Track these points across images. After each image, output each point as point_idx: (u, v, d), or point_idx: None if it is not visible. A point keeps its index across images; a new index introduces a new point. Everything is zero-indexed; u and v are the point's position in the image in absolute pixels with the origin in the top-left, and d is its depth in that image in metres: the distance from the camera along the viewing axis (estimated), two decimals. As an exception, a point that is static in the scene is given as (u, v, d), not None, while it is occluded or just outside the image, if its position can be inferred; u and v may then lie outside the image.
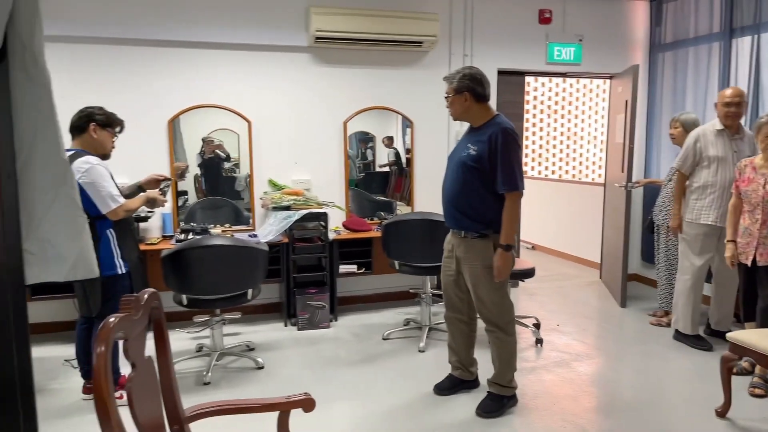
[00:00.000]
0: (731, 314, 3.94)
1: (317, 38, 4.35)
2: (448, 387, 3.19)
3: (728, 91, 3.69)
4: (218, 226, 4.42)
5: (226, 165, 4.57)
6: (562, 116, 8.31)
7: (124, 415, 1.26)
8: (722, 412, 2.89)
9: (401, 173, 4.99)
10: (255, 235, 4.23)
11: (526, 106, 8.04)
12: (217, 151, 4.52)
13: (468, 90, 2.83)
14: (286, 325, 4.34)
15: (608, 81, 5.51)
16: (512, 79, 5.12)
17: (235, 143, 4.51)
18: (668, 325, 4.22)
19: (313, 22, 4.27)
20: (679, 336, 3.96)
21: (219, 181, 4.59)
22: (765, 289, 3.20)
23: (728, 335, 2.87)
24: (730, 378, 2.87)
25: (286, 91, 4.54)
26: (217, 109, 4.39)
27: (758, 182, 3.20)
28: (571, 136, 8.33)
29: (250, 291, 3.43)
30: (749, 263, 3.25)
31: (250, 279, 3.40)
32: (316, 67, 4.58)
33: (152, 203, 3.14)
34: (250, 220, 4.54)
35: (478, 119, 2.89)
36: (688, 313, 3.86)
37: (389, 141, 4.95)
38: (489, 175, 2.78)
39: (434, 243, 3.27)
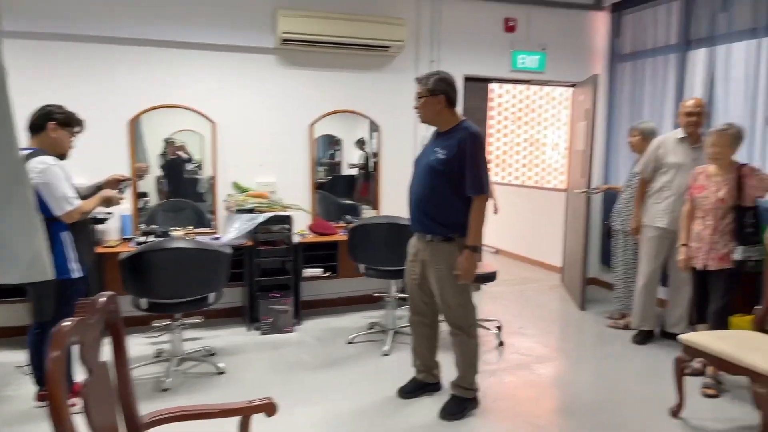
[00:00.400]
0: (685, 317, 4.08)
1: (284, 40, 4.32)
2: (412, 390, 3.20)
3: (689, 102, 3.86)
4: (180, 228, 4.34)
5: (189, 166, 4.49)
6: (526, 123, 8.47)
7: (79, 422, 1.23)
8: (676, 412, 2.98)
9: (368, 177, 5.00)
10: (218, 238, 4.17)
11: (491, 113, 8.17)
12: (180, 152, 4.44)
13: (443, 93, 2.85)
14: (249, 330, 4.28)
15: (571, 89, 5.64)
16: (476, 85, 5.19)
17: (199, 144, 4.44)
18: (625, 327, 4.34)
19: (280, 24, 4.24)
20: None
21: (182, 183, 4.51)
22: (715, 293, 3.33)
23: (680, 337, 2.97)
24: (683, 379, 2.97)
25: (252, 93, 4.50)
26: (181, 110, 4.31)
27: (710, 190, 3.33)
28: (534, 142, 8.49)
29: (211, 295, 3.37)
30: (701, 267, 3.38)
31: (212, 283, 3.34)
32: (282, 69, 4.55)
33: (108, 202, 3.05)
34: (213, 223, 4.47)
35: (446, 123, 2.91)
36: (638, 311, 4.09)
37: (361, 144, 4.95)
38: (457, 179, 2.81)
39: (400, 247, 3.28)
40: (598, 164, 5.54)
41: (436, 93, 2.85)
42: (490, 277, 3.98)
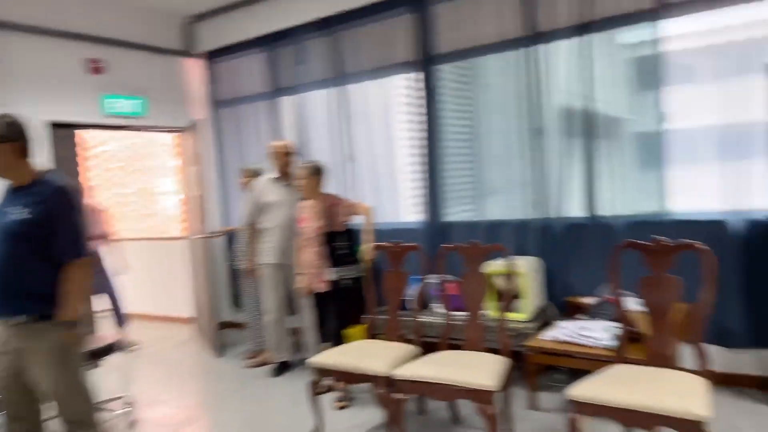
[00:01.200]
0: (315, 340, 4.37)
1: None
2: None
3: (276, 143, 4.25)
4: None
5: None
6: (138, 171, 7.95)
7: None
8: (317, 433, 3.12)
9: None
10: None
11: (92, 162, 7.37)
12: None
13: (17, 140, 2.37)
14: None
15: (177, 135, 5.51)
16: (65, 132, 4.52)
17: None
18: (263, 363, 4.42)
19: None
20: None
21: None
22: (330, 313, 3.69)
23: (307, 361, 3.13)
24: (318, 398, 3.12)
25: None
26: None
27: (311, 220, 3.70)
28: (148, 191, 8.03)
29: None
30: (315, 291, 3.70)
31: None
32: None
33: None
34: None
35: (23, 176, 2.42)
36: (273, 344, 4.24)
37: None
38: (46, 242, 2.35)
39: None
40: (216, 207, 5.56)
41: (8, 141, 2.35)
42: (108, 349, 3.46)
